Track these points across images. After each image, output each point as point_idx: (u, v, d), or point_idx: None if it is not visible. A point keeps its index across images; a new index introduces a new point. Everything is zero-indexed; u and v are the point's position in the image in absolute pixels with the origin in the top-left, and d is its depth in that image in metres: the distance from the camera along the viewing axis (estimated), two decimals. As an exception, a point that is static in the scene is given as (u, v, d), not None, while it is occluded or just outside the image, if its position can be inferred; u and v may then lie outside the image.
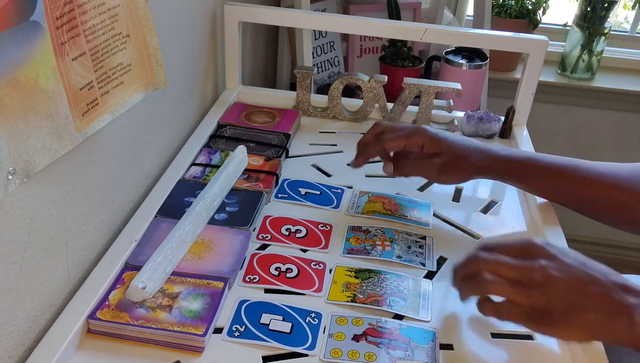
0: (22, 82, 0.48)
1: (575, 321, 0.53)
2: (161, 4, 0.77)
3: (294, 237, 0.75)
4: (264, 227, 0.76)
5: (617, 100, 1.84)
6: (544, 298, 0.54)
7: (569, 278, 0.54)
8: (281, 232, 0.75)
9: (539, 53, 0.98)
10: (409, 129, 0.76)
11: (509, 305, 0.56)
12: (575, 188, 0.73)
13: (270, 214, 0.79)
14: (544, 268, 0.55)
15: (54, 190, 0.58)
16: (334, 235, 0.76)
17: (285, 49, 1.42)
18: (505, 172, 0.76)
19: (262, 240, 0.74)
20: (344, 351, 0.59)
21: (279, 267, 0.69)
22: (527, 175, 0.75)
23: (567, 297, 0.53)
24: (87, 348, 0.58)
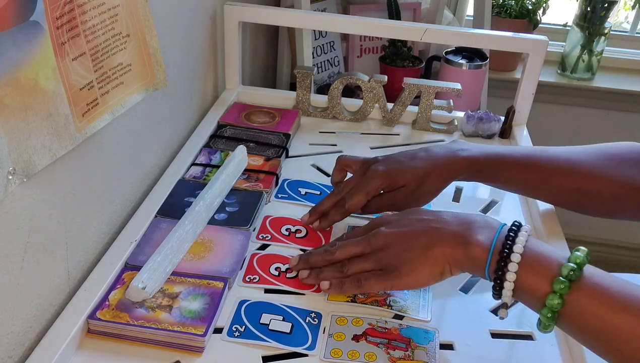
0: (22, 82, 0.48)
1: (421, 262, 0.57)
2: (161, 4, 0.77)
3: (294, 237, 0.75)
4: (264, 227, 0.76)
5: (617, 100, 1.84)
6: (388, 256, 0.59)
7: (407, 230, 0.60)
8: (281, 232, 0.75)
9: (539, 53, 0.98)
10: (363, 179, 0.73)
11: (363, 275, 0.61)
12: (542, 181, 0.71)
13: (270, 214, 0.79)
14: (383, 233, 0.61)
15: (54, 190, 0.58)
16: (334, 235, 0.76)
17: (285, 49, 1.42)
18: (472, 174, 0.73)
19: (262, 240, 0.74)
20: (344, 351, 0.59)
21: (279, 267, 0.69)
22: (493, 173, 0.73)
23: (407, 245, 0.58)
24: (87, 348, 0.58)
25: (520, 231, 0.54)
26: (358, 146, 0.99)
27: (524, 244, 0.53)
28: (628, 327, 0.47)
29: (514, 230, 0.54)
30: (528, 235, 0.54)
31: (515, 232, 0.54)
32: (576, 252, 0.52)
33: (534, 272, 0.52)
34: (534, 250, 0.53)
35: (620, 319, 0.48)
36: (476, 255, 0.54)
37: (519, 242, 0.53)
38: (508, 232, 0.54)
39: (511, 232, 0.54)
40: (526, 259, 0.52)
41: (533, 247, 0.53)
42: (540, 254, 0.53)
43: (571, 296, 0.50)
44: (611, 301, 0.49)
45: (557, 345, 0.63)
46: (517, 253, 0.52)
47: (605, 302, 0.49)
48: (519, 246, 0.52)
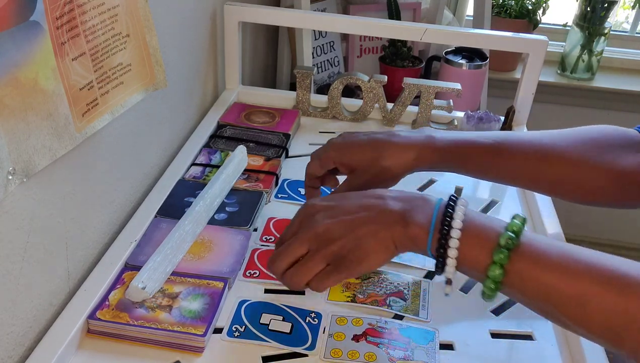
0: (22, 82, 0.48)
1: (371, 247, 0.54)
2: (161, 4, 0.77)
3: None
4: (267, 229, 0.76)
5: (617, 100, 1.84)
6: (337, 250, 0.55)
7: (350, 218, 0.56)
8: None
9: (539, 53, 0.98)
10: (319, 151, 0.71)
11: (316, 276, 0.57)
12: (515, 167, 0.67)
13: (274, 216, 0.79)
14: (324, 225, 0.56)
15: (54, 190, 0.58)
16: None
17: (285, 49, 1.42)
18: (438, 159, 0.67)
19: (266, 242, 0.74)
20: (344, 351, 0.59)
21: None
22: (461, 158, 0.67)
23: (353, 235, 0.55)
24: (87, 348, 0.58)
25: (457, 205, 0.53)
26: (358, 146, 0.99)
27: (462, 219, 0.52)
28: (569, 289, 0.48)
29: (451, 206, 0.53)
30: (465, 209, 0.53)
31: (453, 207, 0.53)
32: (513, 219, 0.52)
33: (474, 245, 0.51)
34: (473, 223, 0.52)
35: (561, 282, 0.48)
36: (417, 235, 0.53)
37: (457, 217, 0.52)
38: (446, 208, 0.53)
39: (449, 207, 0.53)
40: (465, 233, 0.52)
41: (471, 219, 0.53)
42: (479, 226, 0.52)
43: (511, 264, 0.49)
44: (551, 265, 0.49)
45: (557, 345, 0.63)
46: (456, 229, 0.52)
47: (545, 267, 0.49)
48: (458, 221, 0.52)
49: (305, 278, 0.56)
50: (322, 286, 0.57)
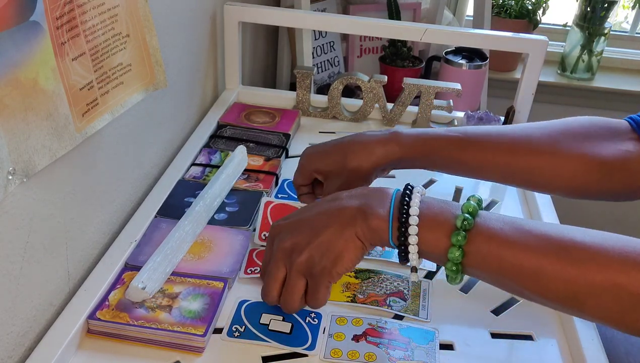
0: (22, 82, 0.48)
1: (334, 249, 0.55)
2: (161, 4, 0.77)
3: None
4: (266, 225, 0.75)
5: (617, 100, 1.84)
6: (302, 260, 0.55)
7: (312, 229, 0.56)
8: None
9: (538, 53, 0.98)
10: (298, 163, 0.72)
11: (307, 293, 0.57)
12: (483, 159, 0.66)
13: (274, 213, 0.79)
14: (285, 241, 0.57)
15: (54, 190, 0.58)
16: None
17: (285, 49, 1.42)
18: (405, 154, 0.67)
19: (266, 240, 0.70)
20: (343, 351, 0.59)
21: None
22: (427, 152, 0.66)
23: (320, 241, 0.55)
24: (87, 348, 0.58)
25: (414, 193, 0.54)
26: (358, 146, 0.99)
27: (419, 206, 0.53)
28: (525, 262, 0.49)
29: (407, 194, 0.54)
30: (421, 196, 0.54)
31: (409, 196, 0.54)
32: (468, 200, 0.52)
33: (432, 230, 0.52)
34: (430, 209, 0.53)
35: (517, 257, 0.49)
36: (378, 226, 0.54)
37: (414, 205, 0.53)
38: (402, 197, 0.54)
39: (405, 196, 0.54)
40: (423, 219, 0.52)
41: (428, 206, 0.53)
42: (436, 211, 0.53)
43: (470, 245, 0.50)
44: (506, 241, 0.50)
45: (557, 345, 0.63)
46: (414, 216, 0.52)
47: (501, 244, 0.50)
48: (415, 208, 0.52)
49: (295, 300, 0.57)
50: (318, 301, 0.57)
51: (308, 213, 0.58)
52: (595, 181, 0.64)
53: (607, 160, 0.64)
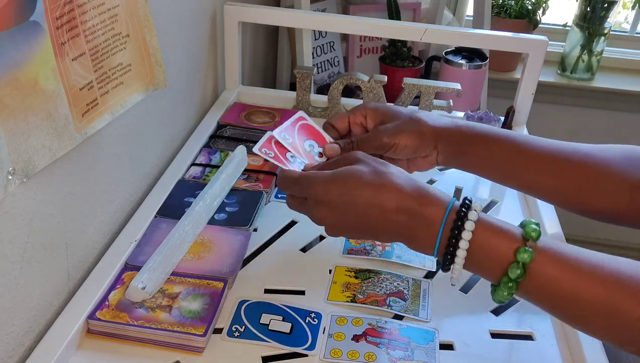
0: (22, 82, 0.48)
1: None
2: (161, 4, 0.77)
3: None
4: (268, 144, 0.63)
5: (617, 100, 1.84)
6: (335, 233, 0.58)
7: (344, 230, 0.57)
8: (286, 157, 0.63)
9: (538, 53, 0.98)
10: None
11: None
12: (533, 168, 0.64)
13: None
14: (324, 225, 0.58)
15: (54, 190, 0.58)
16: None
17: (285, 49, 1.42)
18: (464, 143, 0.65)
19: (265, 155, 0.62)
20: (343, 351, 0.59)
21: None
22: (468, 146, 0.65)
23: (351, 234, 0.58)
24: (87, 348, 0.58)
25: (470, 211, 0.52)
26: (358, 146, 0.99)
27: (469, 239, 0.51)
28: (597, 297, 0.48)
29: (464, 209, 0.52)
30: (478, 215, 0.52)
31: (460, 228, 0.51)
32: (529, 225, 0.51)
33: (493, 239, 0.51)
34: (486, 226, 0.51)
35: (588, 288, 0.48)
36: (424, 247, 0.54)
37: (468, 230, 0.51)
38: (454, 222, 0.52)
39: (462, 211, 0.52)
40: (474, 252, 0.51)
41: (484, 223, 0.52)
42: (493, 229, 0.51)
43: (534, 264, 0.49)
44: (577, 269, 0.49)
45: (557, 345, 0.63)
46: (462, 249, 0.51)
47: (571, 270, 0.49)
48: (465, 242, 0.51)
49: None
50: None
51: (347, 215, 0.55)
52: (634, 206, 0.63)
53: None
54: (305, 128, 0.68)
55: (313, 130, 0.68)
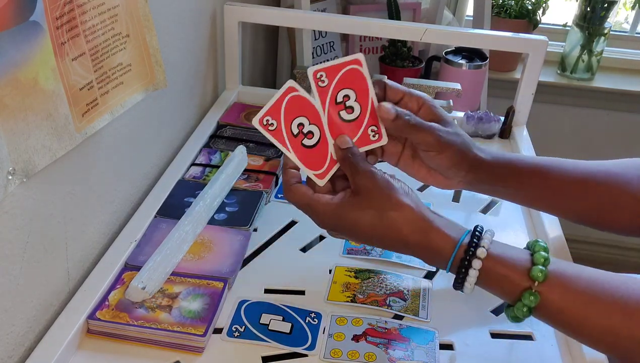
0: (22, 82, 0.48)
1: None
2: (161, 4, 0.77)
3: (300, 140, 0.57)
4: (275, 112, 0.56)
5: (617, 100, 1.84)
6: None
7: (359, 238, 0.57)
8: (290, 128, 0.56)
9: (538, 53, 0.98)
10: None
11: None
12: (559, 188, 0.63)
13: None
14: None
15: (54, 190, 0.58)
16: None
17: (285, 49, 1.42)
18: (494, 179, 0.63)
19: (266, 125, 0.55)
20: (343, 351, 0.59)
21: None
22: (501, 173, 0.63)
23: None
24: (87, 348, 0.58)
25: (483, 238, 0.53)
26: (358, 146, 0.99)
27: (481, 266, 0.52)
28: (600, 322, 0.49)
29: (477, 236, 0.53)
30: (490, 242, 0.53)
31: (467, 269, 0.52)
32: (536, 251, 0.52)
33: (502, 271, 0.52)
34: (497, 256, 0.53)
35: (592, 314, 0.49)
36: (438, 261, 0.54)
37: (480, 254, 0.52)
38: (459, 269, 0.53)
39: (461, 271, 0.53)
40: (490, 260, 0.52)
41: (493, 257, 0.52)
42: (505, 257, 0.53)
43: (541, 296, 0.50)
44: (577, 299, 0.50)
45: (557, 345, 0.63)
46: (473, 275, 0.52)
47: (576, 298, 0.50)
48: (474, 272, 0.52)
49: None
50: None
51: (359, 239, 0.57)
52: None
53: None
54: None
55: (358, 75, 0.57)
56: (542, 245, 0.52)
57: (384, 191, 0.54)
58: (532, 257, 0.52)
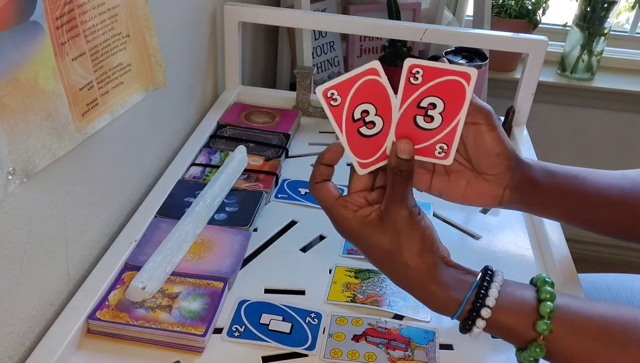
0: (22, 82, 0.48)
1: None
2: (161, 4, 0.77)
3: (359, 128, 0.53)
4: (344, 87, 0.54)
5: (617, 100, 1.84)
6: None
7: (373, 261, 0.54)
8: (352, 113, 0.54)
9: (538, 53, 0.98)
10: None
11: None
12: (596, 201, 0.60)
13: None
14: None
15: (54, 190, 0.58)
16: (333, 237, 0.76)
17: (285, 49, 1.42)
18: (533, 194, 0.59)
19: (330, 98, 0.53)
20: (343, 351, 0.59)
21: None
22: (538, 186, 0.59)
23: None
24: (87, 348, 0.58)
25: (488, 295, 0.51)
26: (358, 146, 0.99)
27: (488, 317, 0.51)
28: (603, 358, 0.49)
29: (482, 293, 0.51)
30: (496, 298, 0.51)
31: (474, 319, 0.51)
32: (542, 287, 0.51)
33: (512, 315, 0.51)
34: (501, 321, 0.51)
35: (595, 353, 0.49)
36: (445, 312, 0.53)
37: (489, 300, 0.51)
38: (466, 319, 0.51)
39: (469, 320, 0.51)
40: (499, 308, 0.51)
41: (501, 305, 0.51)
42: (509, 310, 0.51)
43: (551, 337, 0.50)
44: (591, 338, 0.50)
45: (557, 345, 0.63)
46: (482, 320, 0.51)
47: (585, 341, 0.50)
48: (481, 322, 0.51)
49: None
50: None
51: (370, 259, 0.53)
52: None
53: None
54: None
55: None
56: (548, 290, 0.51)
57: (410, 237, 0.50)
58: (538, 304, 0.50)
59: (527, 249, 0.77)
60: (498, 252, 0.77)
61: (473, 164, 0.57)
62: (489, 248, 0.77)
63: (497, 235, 0.80)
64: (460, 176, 0.57)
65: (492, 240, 0.79)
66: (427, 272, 0.51)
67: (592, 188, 0.60)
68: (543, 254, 0.77)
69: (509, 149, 0.55)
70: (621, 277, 0.94)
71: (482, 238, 0.79)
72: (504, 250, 0.77)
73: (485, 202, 0.58)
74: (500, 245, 0.78)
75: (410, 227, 0.50)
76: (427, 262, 0.50)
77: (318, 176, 0.54)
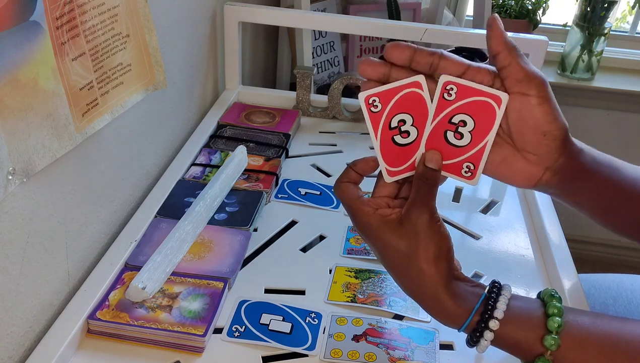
0: (22, 82, 0.48)
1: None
2: (161, 4, 0.77)
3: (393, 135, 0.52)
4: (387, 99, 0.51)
5: (617, 100, 1.84)
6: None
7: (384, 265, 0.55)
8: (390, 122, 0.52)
9: (539, 53, 0.98)
10: None
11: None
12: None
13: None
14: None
15: (54, 190, 0.58)
16: (333, 237, 0.76)
17: (285, 49, 1.42)
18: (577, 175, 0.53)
19: (371, 105, 0.51)
20: (344, 351, 0.59)
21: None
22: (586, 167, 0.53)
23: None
24: (87, 349, 0.58)
25: (496, 308, 0.50)
26: (358, 146, 0.99)
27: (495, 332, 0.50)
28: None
29: (493, 297, 0.51)
30: (503, 312, 0.50)
31: (481, 331, 0.51)
32: (550, 303, 0.50)
33: (517, 333, 0.50)
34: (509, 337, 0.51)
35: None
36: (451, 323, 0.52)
37: (488, 334, 0.50)
38: (473, 331, 0.51)
39: (475, 334, 0.51)
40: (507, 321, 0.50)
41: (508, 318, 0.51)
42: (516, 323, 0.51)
43: (559, 352, 0.49)
44: (599, 355, 0.49)
45: (557, 345, 0.63)
46: (487, 340, 0.51)
47: (593, 357, 0.49)
48: (486, 342, 0.51)
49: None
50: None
51: (382, 260, 0.54)
52: None
53: None
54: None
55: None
56: (556, 305, 0.50)
57: (428, 241, 0.49)
58: (546, 319, 0.50)
59: (527, 249, 0.77)
60: (498, 252, 0.77)
61: (514, 140, 0.50)
62: (489, 248, 0.77)
63: (497, 235, 0.80)
64: (496, 150, 0.51)
65: (492, 240, 0.79)
66: (439, 279, 0.50)
67: (627, 182, 0.55)
68: (543, 254, 0.77)
69: (561, 127, 0.50)
70: (621, 277, 0.94)
71: (482, 238, 0.79)
72: (504, 250, 0.77)
73: (518, 182, 0.52)
74: (500, 245, 0.78)
75: (430, 231, 0.49)
76: (440, 269, 0.50)
77: (345, 177, 0.53)
